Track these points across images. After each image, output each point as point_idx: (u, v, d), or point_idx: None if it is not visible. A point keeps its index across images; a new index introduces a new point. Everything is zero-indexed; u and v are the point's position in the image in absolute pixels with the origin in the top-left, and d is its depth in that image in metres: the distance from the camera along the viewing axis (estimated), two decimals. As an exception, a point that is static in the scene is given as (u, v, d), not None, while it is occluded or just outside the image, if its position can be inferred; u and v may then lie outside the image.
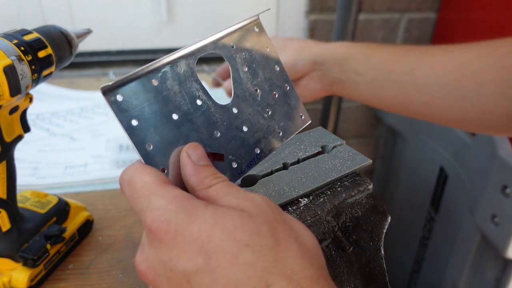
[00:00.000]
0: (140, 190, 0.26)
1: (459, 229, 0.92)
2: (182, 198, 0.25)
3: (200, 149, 0.28)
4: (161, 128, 0.27)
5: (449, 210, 0.97)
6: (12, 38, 0.40)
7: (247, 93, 0.31)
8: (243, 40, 0.31)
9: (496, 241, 0.78)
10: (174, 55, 0.28)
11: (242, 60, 0.31)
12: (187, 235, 0.23)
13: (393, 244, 1.21)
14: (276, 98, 0.33)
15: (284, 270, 0.22)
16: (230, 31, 0.31)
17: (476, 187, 0.84)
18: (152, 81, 0.27)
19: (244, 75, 0.31)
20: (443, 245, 1.00)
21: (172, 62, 0.28)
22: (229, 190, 0.26)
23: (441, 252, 1.01)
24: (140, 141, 0.26)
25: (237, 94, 0.31)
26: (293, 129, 0.34)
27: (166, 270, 0.24)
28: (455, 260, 0.94)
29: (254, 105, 0.32)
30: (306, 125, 0.35)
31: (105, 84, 0.26)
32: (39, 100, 0.88)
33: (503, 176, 0.76)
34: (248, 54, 0.31)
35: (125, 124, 0.26)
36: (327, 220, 0.34)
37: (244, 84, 0.31)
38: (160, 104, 0.27)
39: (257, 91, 0.32)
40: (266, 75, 0.32)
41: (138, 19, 1.05)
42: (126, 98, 0.26)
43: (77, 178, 0.66)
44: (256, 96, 0.32)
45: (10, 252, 0.44)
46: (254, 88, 0.32)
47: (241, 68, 0.31)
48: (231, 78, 0.31)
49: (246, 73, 0.31)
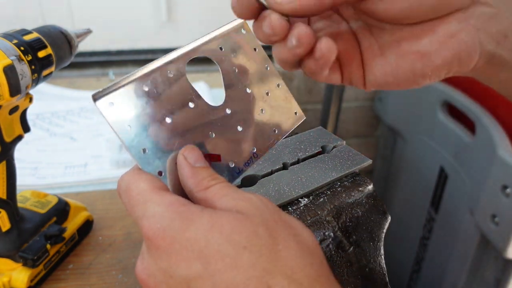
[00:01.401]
0: (136, 197, 0.26)
1: (459, 229, 0.92)
2: (178, 204, 0.25)
3: (196, 151, 0.28)
4: (155, 132, 0.27)
5: (449, 210, 0.97)
6: (12, 38, 0.40)
7: (239, 94, 0.31)
8: (231, 42, 0.32)
9: (496, 241, 0.78)
10: (163, 59, 0.28)
11: (231, 62, 0.31)
12: (184, 241, 0.23)
13: (393, 244, 1.21)
14: (269, 96, 0.33)
15: (285, 270, 0.22)
16: (218, 34, 0.31)
17: (476, 187, 0.84)
18: (143, 87, 0.27)
19: (234, 77, 0.31)
20: (443, 245, 1.00)
21: (162, 67, 0.28)
22: (226, 191, 0.26)
23: (441, 252, 1.01)
24: (135, 146, 0.26)
25: (229, 95, 0.31)
26: (288, 127, 0.34)
27: (166, 277, 0.24)
28: (455, 260, 0.94)
29: (247, 105, 0.32)
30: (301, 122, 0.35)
31: (96, 91, 0.26)
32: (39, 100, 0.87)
33: (503, 176, 0.76)
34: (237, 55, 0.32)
35: (119, 130, 0.26)
36: (327, 220, 0.34)
37: (235, 85, 0.31)
38: (153, 108, 0.27)
39: (249, 91, 0.32)
40: (257, 75, 0.33)
41: (138, 19, 1.05)
42: (117, 104, 0.26)
43: (77, 178, 0.66)
44: (248, 96, 0.32)
45: (10, 252, 0.44)
46: (246, 88, 0.32)
47: (231, 70, 0.31)
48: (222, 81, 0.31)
49: (237, 74, 0.31)
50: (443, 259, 0.99)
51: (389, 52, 0.30)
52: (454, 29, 0.28)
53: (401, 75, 0.30)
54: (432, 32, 0.29)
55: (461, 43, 0.28)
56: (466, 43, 0.28)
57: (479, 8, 0.28)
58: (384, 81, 0.31)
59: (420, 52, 0.29)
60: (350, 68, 0.32)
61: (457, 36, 0.28)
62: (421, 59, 0.29)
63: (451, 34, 0.28)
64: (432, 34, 0.29)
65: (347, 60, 0.32)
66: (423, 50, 0.29)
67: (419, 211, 1.09)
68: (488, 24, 0.28)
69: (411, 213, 1.14)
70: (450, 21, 0.28)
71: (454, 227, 0.94)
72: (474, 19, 0.28)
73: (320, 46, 0.28)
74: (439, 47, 0.29)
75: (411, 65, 0.30)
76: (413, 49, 0.29)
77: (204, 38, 0.31)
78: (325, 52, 0.28)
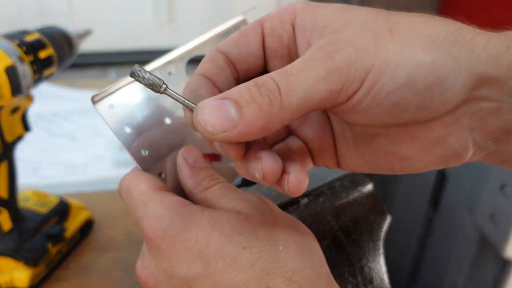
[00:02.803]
0: (137, 198, 0.26)
1: (458, 228, 0.92)
2: (179, 204, 0.25)
3: (196, 151, 0.28)
4: (155, 133, 0.27)
5: (448, 209, 0.97)
6: (14, 39, 0.40)
7: None
8: None
9: (495, 240, 0.78)
10: (162, 60, 0.28)
11: None
12: (184, 241, 0.23)
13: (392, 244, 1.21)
14: None
15: (284, 271, 0.23)
16: (218, 32, 0.31)
17: (475, 186, 0.85)
18: (142, 88, 0.27)
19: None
20: (442, 244, 1.00)
21: (161, 67, 0.28)
22: (226, 191, 0.26)
23: (440, 251, 1.01)
24: (135, 148, 0.27)
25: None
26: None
27: (166, 277, 0.24)
28: (454, 260, 0.94)
29: None
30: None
31: (95, 94, 0.26)
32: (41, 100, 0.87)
33: (502, 175, 0.76)
34: None
35: (118, 131, 0.26)
36: (327, 220, 0.34)
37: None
38: (152, 109, 0.27)
39: None
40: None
41: (139, 19, 1.05)
42: (117, 105, 0.26)
43: (78, 178, 0.66)
44: None
45: (12, 251, 0.45)
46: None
47: None
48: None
49: None
50: (442, 259, 0.99)
51: (363, 146, 0.26)
52: (439, 135, 0.23)
53: (377, 169, 0.26)
54: (412, 137, 0.23)
55: (448, 148, 0.23)
56: (454, 147, 0.23)
57: (475, 105, 0.22)
58: (358, 170, 0.27)
59: (398, 155, 0.24)
60: (322, 158, 0.28)
61: (442, 142, 0.23)
62: (400, 161, 0.25)
63: (435, 141, 0.23)
64: (412, 139, 0.23)
65: (319, 151, 0.28)
66: (402, 153, 0.24)
67: (418, 211, 1.09)
68: (485, 121, 0.22)
69: (410, 213, 1.14)
70: (433, 126, 0.23)
71: (453, 226, 0.95)
72: (467, 119, 0.22)
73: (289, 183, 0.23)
74: (420, 153, 0.24)
75: (388, 164, 0.25)
76: (391, 150, 0.24)
77: (205, 36, 0.31)
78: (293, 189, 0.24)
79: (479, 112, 0.22)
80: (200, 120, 0.21)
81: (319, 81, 0.21)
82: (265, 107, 0.21)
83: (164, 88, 0.22)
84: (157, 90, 0.22)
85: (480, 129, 0.23)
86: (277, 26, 0.26)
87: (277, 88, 0.21)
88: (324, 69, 0.21)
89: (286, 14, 0.26)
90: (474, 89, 0.21)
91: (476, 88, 0.21)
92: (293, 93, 0.21)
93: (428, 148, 0.23)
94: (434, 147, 0.23)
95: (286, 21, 0.26)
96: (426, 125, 0.23)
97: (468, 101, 0.22)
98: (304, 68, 0.21)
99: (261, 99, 0.21)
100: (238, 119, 0.21)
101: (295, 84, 0.21)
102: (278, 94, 0.21)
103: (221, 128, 0.21)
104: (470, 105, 0.22)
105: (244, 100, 0.21)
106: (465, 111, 0.22)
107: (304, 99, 0.21)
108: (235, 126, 0.21)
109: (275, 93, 0.21)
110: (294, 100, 0.21)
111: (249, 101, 0.21)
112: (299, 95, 0.21)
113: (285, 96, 0.21)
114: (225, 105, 0.21)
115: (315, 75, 0.21)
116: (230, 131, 0.21)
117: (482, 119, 0.22)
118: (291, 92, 0.21)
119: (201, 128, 0.21)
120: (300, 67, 0.21)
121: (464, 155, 0.23)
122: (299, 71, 0.21)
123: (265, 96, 0.21)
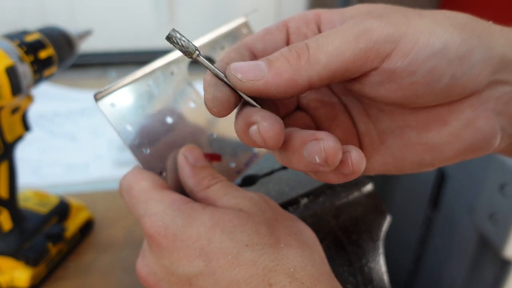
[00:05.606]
0: (138, 196, 0.26)
1: (457, 228, 0.92)
2: (180, 202, 0.25)
3: (197, 151, 0.28)
4: (156, 132, 0.27)
5: (447, 209, 0.98)
6: (14, 39, 0.40)
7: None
8: (232, 42, 0.32)
9: (494, 240, 0.78)
10: (165, 59, 0.28)
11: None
12: (186, 239, 0.23)
13: (392, 244, 1.21)
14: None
15: (286, 268, 0.23)
16: (219, 34, 0.31)
17: (474, 186, 0.85)
18: (144, 87, 0.27)
19: None
20: (441, 244, 1.00)
21: (163, 67, 0.28)
22: (227, 190, 0.26)
23: (440, 251, 1.01)
24: (136, 146, 0.27)
25: None
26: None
27: (167, 275, 0.24)
28: (454, 260, 0.94)
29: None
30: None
31: (97, 91, 0.26)
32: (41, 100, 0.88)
33: (501, 175, 0.76)
34: None
35: (120, 129, 0.26)
36: (327, 220, 0.34)
37: None
38: (154, 108, 0.27)
39: None
40: None
41: (139, 20, 1.05)
42: (119, 104, 0.26)
43: (79, 178, 0.66)
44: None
45: (12, 251, 0.45)
46: None
47: None
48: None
49: None
50: (442, 259, 0.99)
51: (391, 141, 0.25)
52: (468, 118, 0.23)
53: (405, 166, 0.26)
54: (442, 122, 0.24)
55: (477, 133, 0.23)
56: (483, 132, 0.23)
57: (499, 88, 0.23)
58: (384, 170, 0.27)
59: (429, 145, 0.24)
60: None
61: (472, 125, 0.23)
62: (429, 152, 0.24)
63: (465, 124, 0.23)
64: (442, 124, 0.24)
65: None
66: (432, 142, 0.24)
67: (417, 211, 1.09)
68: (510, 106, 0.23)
69: (410, 213, 1.14)
70: (462, 108, 0.23)
71: (452, 226, 0.95)
72: (493, 102, 0.23)
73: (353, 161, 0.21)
74: (451, 139, 0.24)
75: (418, 157, 0.25)
76: (420, 140, 0.24)
77: (206, 37, 0.31)
78: (359, 167, 0.21)
79: (504, 96, 0.23)
80: (231, 69, 0.22)
81: (349, 40, 0.21)
82: (293, 60, 0.22)
83: (197, 54, 0.23)
84: (190, 56, 0.23)
85: (505, 114, 0.23)
86: (302, 26, 0.27)
87: (306, 46, 0.22)
88: (355, 30, 0.22)
89: (310, 16, 0.27)
90: (497, 72, 0.22)
91: (499, 71, 0.22)
92: (322, 48, 0.22)
93: (458, 133, 0.23)
94: (464, 131, 0.23)
95: (311, 21, 0.27)
96: (456, 107, 0.23)
97: (492, 85, 0.23)
98: (335, 31, 0.22)
99: (289, 54, 0.22)
100: (267, 70, 0.22)
101: (324, 42, 0.22)
102: (306, 49, 0.22)
103: (250, 76, 0.22)
104: (494, 89, 0.23)
105: (274, 57, 0.22)
106: (490, 95, 0.23)
107: (332, 56, 0.21)
108: (263, 75, 0.22)
109: (304, 49, 0.22)
110: (322, 56, 0.21)
111: (279, 56, 0.22)
112: (327, 51, 0.21)
113: (313, 51, 0.22)
114: (258, 62, 0.22)
115: (346, 34, 0.22)
116: (258, 80, 0.22)
117: (508, 103, 0.23)
118: (320, 47, 0.22)
119: (231, 76, 0.22)
120: (330, 31, 0.22)
121: (493, 140, 0.23)
122: (330, 33, 0.22)
123: (294, 51, 0.22)
